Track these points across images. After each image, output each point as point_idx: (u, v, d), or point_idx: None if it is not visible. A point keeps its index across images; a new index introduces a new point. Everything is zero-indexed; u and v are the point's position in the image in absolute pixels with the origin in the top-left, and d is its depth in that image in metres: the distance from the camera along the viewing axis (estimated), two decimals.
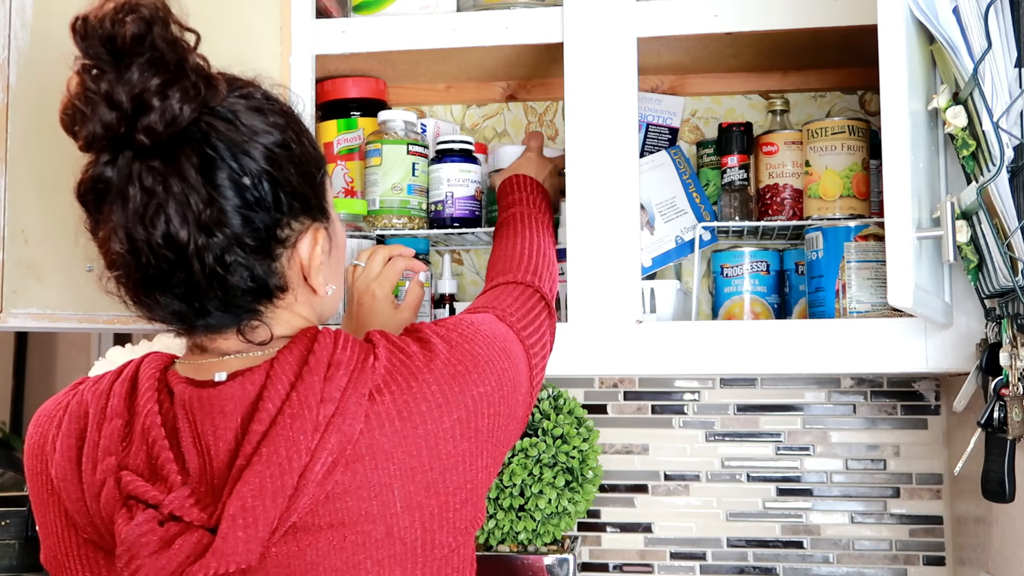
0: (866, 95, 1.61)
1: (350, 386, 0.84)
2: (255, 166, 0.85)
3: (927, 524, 1.58)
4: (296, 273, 0.91)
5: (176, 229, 0.81)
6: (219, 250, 0.83)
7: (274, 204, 0.86)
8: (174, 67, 0.82)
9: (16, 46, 1.43)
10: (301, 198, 0.89)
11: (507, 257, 1.20)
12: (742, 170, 1.50)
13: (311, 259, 0.91)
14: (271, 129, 0.87)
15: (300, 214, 0.89)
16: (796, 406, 1.62)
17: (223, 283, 0.84)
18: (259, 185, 0.85)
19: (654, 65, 1.54)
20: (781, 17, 1.32)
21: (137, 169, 0.82)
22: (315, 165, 0.92)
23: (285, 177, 0.87)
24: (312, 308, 0.94)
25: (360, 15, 1.47)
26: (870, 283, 1.33)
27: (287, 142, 0.88)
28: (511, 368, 0.96)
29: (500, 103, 1.70)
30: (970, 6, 1.02)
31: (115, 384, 0.89)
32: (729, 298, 1.50)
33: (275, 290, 0.89)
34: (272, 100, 0.91)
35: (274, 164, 0.86)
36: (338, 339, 0.87)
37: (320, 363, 0.84)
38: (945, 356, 1.24)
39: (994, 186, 1.01)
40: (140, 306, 0.87)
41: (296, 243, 0.89)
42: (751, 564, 1.61)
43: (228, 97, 0.86)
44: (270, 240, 0.87)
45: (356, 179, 1.55)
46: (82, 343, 2.61)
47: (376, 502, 0.82)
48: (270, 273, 0.88)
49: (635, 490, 1.65)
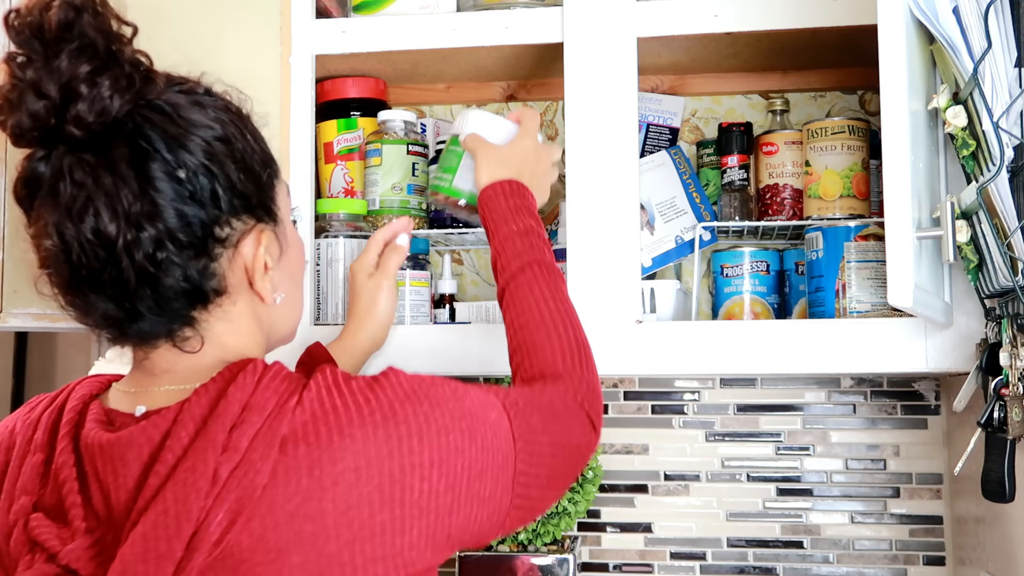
0: (866, 95, 1.61)
1: (261, 433, 0.77)
2: (192, 159, 0.81)
3: (927, 524, 1.58)
4: (239, 277, 0.86)
5: (105, 223, 0.78)
6: (151, 246, 0.79)
7: (212, 200, 0.82)
8: (105, 55, 0.79)
9: None
10: (242, 196, 0.85)
11: (541, 347, 1.05)
12: (742, 170, 1.50)
13: (255, 260, 0.86)
14: (212, 123, 0.84)
15: (242, 212, 0.85)
16: (796, 406, 1.62)
17: (154, 282, 0.80)
18: (195, 179, 0.81)
19: (654, 65, 1.54)
20: (781, 17, 1.32)
21: (68, 163, 0.79)
22: (261, 164, 0.88)
23: (225, 173, 0.83)
24: (258, 319, 0.89)
25: (360, 15, 1.47)
26: (870, 283, 1.33)
27: (228, 137, 0.84)
28: (470, 451, 0.83)
29: (500, 103, 1.70)
30: (970, 6, 1.02)
31: (44, 414, 0.86)
32: (729, 298, 1.50)
33: (211, 293, 0.84)
34: (215, 96, 0.87)
35: (213, 159, 0.82)
36: (263, 377, 0.81)
37: (231, 406, 0.78)
38: (945, 356, 1.24)
39: (994, 186, 1.01)
40: (73, 308, 0.83)
41: (238, 243, 0.85)
42: (751, 564, 1.61)
43: (167, 91, 0.83)
44: (207, 238, 0.82)
45: (356, 179, 1.55)
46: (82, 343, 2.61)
47: (272, 568, 0.74)
48: (206, 274, 0.83)
49: (635, 490, 1.65)
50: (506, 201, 1.14)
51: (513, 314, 1.08)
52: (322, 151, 1.56)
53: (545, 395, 0.97)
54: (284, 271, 0.91)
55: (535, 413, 0.93)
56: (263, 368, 0.82)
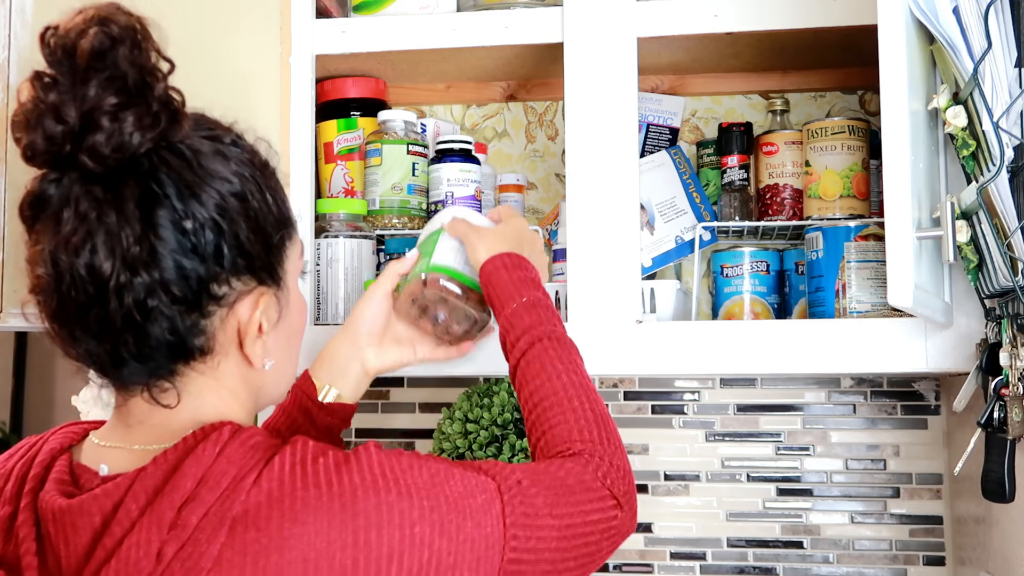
0: (866, 95, 1.61)
1: (212, 511, 0.74)
2: (202, 211, 0.79)
3: (927, 524, 1.58)
4: (230, 337, 0.83)
5: (100, 261, 0.75)
6: (142, 292, 0.77)
7: (214, 256, 0.80)
8: (135, 90, 0.76)
9: (16, 46, 1.43)
10: (247, 256, 0.82)
11: (558, 424, 0.98)
12: (742, 170, 1.50)
13: (248, 323, 0.83)
14: (231, 177, 0.81)
15: (244, 273, 0.82)
16: (796, 406, 1.62)
17: (140, 329, 0.78)
18: (201, 232, 0.78)
19: (654, 65, 1.54)
20: (781, 17, 1.32)
21: (77, 192, 0.76)
22: (275, 226, 0.85)
23: (234, 230, 0.80)
24: (246, 383, 0.86)
25: (360, 15, 1.47)
26: (870, 283, 1.33)
27: (245, 194, 0.82)
28: (439, 543, 0.78)
29: (500, 103, 1.70)
30: (970, 6, 1.02)
31: (17, 465, 0.84)
32: (729, 298, 1.50)
33: (196, 350, 0.81)
34: (240, 147, 0.84)
35: (224, 214, 0.80)
36: (227, 446, 0.77)
37: (184, 480, 0.75)
38: (945, 356, 1.24)
39: (994, 186, 1.01)
40: (58, 339, 0.81)
41: (235, 304, 0.82)
42: (751, 564, 1.61)
43: (192, 135, 0.81)
44: (201, 294, 0.80)
45: (356, 179, 1.55)
46: None
47: None
48: (194, 330, 0.80)
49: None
50: (509, 274, 1.08)
51: (527, 392, 1.02)
52: (322, 151, 1.56)
53: (558, 472, 0.90)
54: (280, 335, 0.88)
55: (541, 493, 0.87)
56: (230, 435, 0.78)
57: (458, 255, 1.17)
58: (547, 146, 1.69)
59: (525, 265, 1.10)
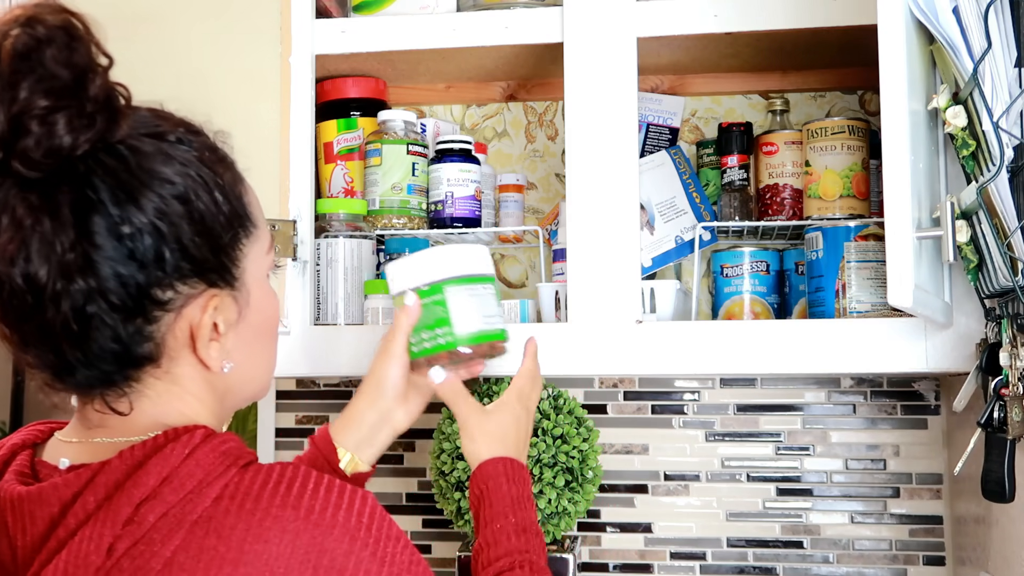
0: (866, 95, 1.61)
1: (172, 512, 0.73)
2: (140, 216, 0.75)
3: (927, 524, 1.58)
4: (181, 342, 0.80)
5: (35, 268, 0.73)
6: (80, 299, 0.74)
7: (155, 261, 0.76)
8: (67, 91, 0.73)
9: None
10: (193, 259, 0.79)
11: None
12: (742, 170, 1.50)
13: (200, 327, 0.80)
14: (173, 178, 0.78)
15: (191, 276, 0.79)
16: (796, 406, 1.62)
17: (82, 337, 0.76)
18: (139, 237, 0.75)
19: (654, 65, 1.54)
20: (781, 17, 1.32)
21: (13, 199, 0.73)
22: (225, 226, 0.82)
23: (176, 234, 0.77)
24: (210, 386, 0.84)
25: (360, 15, 1.47)
26: (870, 283, 1.33)
27: (189, 196, 0.78)
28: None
29: (500, 103, 1.70)
30: (970, 6, 1.02)
31: None
32: (729, 298, 1.50)
33: (143, 357, 0.79)
34: (188, 145, 0.81)
35: (164, 217, 0.76)
36: (198, 449, 0.76)
37: (147, 478, 0.74)
38: (945, 356, 1.24)
39: (994, 186, 1.01)
40: (10, 343, 0.79)
41: (182, 308, 0.79)
42: (751, 564, 1.61)
43: (134, 134, 0.77)
44: (143, 300, 0.77)
45: (356, 179, 1.55)
46: None
47: None
48: (139, 336, 0.77)
49: (635, 490, 1.65)
50: (508, 487, 1.08)
51: None
52: (322, 151, 1.56)
53: None
54: (242, 336, 0.85)
55: None
56: (202, 439, 0.77)
57: (476, 310, 1.12)
58: (547, 146, 1.69)
59: (524, 478, 1.10)
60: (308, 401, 1.74)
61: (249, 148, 1.36)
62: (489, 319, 1.13)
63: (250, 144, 1.36)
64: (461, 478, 1.49)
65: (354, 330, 1.39)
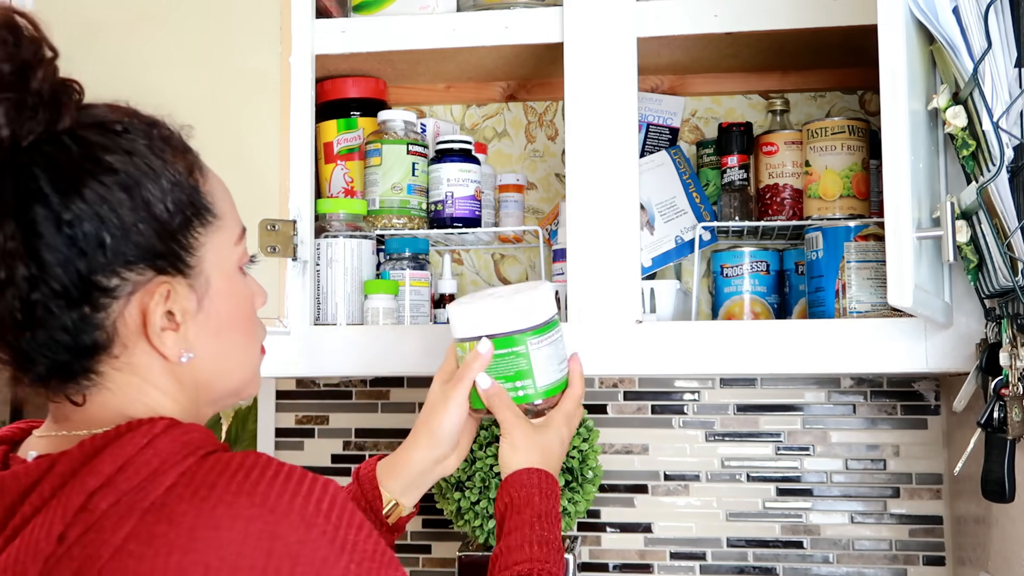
0: (866, 95, 1.61)
1: (125, 500, 0.72)
2: (81, 204, 0.76)
3: (927, 524, 1.58)
4: (133, 330, 0.80)
5: None
6: (25, 288, 0.75)
7: (97, 248, 0.76)
8: (8, 85, 0.74)
9: None
10: (138, 246, 0.78)
11: None
12: (742, 170, 1.50)
13: (149, 315, 0.79)
14: (118, 166, 0.78)
15: (138, 263, 0.79)
16: (796, 406, 1.62)
17: (29, 326, 0.76)
18: (78, 224, 0.75)
19: (654, 65, 1.54)
20: (781, 17, 1.32)
21: None
22: (174, 212, 0.81)
23: (122, 220, 0.77)
24: (175, 379, 0.83)
25: (360, 15, 1.47)
26: (870, 283, 1.33)
27: (134, 183, 0.78)
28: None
29: (500, 103, 1.70)
30: (970, 6, 1.02)
31: None
32: (729, 298, 1.50)
33: (94, 346, 0.78)
34: (133, 134, 0.81)
35: (105, 205, 0.77)
36: (157, 439, 0.75)
37: (102, 466, 0.73)
38: (945, 356, 1.24)
39: (994, 186, 1.01)
40: None
41: (131, 295, 0.79)
42: (751, 564, 1.61)
43: (80, 126, 0.78)
44: (88, 287, 0.77)
45: (356, 179, 1.55)
46: None
47: None
48: (86, 325, 0.77)
49: (635, 490, 1.65)
50: (540, 500, 1.07)
51: None
52: (322, 151, 1.56)
53: None
54: (205, 327, 0.84)
55: None
56: (163, 429, 0.76)
57: (555, 360, 1.12)
58: (547, 146, 1.69)
59: (556, 495, 1.09)
60: (308, 401, 1.74)
61: (249, 148, 1.37)
62: (562, 365, 1.14)
63: (250, 144, 1.37)
64: (461, 478, 1.49)
65: (354, 330, 1.39)
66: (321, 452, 1.73)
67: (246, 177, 1.35)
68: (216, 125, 1.36)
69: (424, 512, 1.68)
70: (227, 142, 1.35)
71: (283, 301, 1.35)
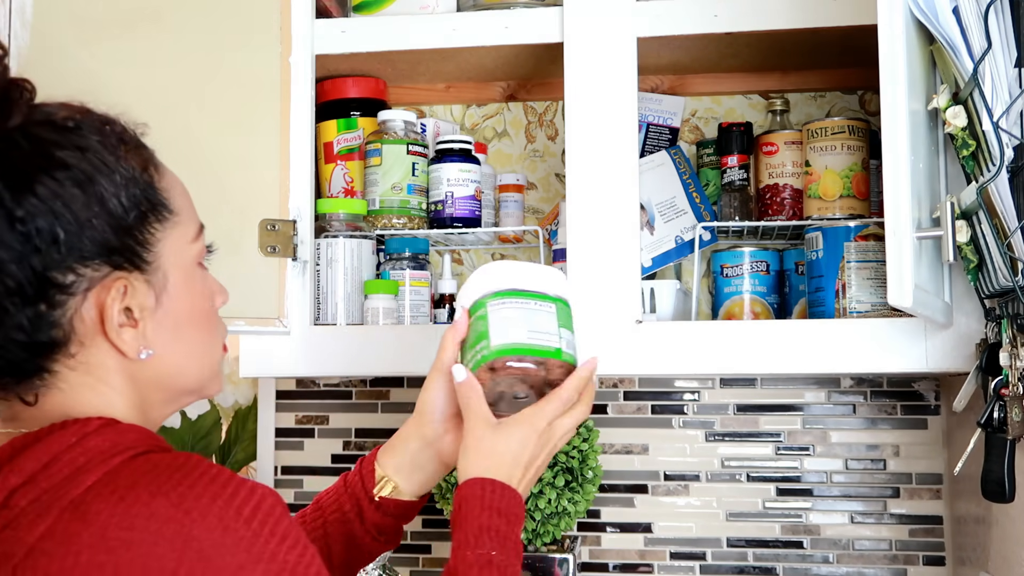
0: (866, 95, 1.61)
1: (46, 496, 0.71)
2: (34, 200, 0.75)
3: (927, 524, 1.58)
4: (90, 327, 0.79)
5: None
6: None
7: (51, 244, 0.75)
8: None
9: (16, 46, 1.43)
10: (93, 240, 0.77)
11: None
12: (742, 170, 1.50)
13: (107, 310, 0.78)
14: (71, 161, 0.77)
15: (93, 258, 0.78)
16: (796, 406, 1.62)
17: None
18: (31, 221, 0.75)
19: (654, 65, 1.54)
20: (781, 17, 1.32)
21: None
22: (128, 208, 0.80)
23: (75, 215, 0.76)
24: (130, 378, 0.82)
25: (360, 15, 1.47)
26: (870, 283, 1.33)
27: (87, 179, 0.77)
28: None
29: (500, 103, 1.70)
30: (970, 6, 1.02)
31: None
32: (729, 298, 1.50)
33: (50, 344, 0.77)
34: (84, 130, 0.80)
35: (59, 199, 0.76)
36: (89, 438, 0.74)
37: (27, 462, 0.72)
38: (945, 356, 1.24)
39: (994, 186, 1.01)
40: None
41: (88, 291, 0.78)
42: (751, 564, 1.61)
43: (28, 123, 0.78)
44: (44, 284, 0.76)
45: (356, 179, 1.55)
46: None
47: None
48: (42, 322, 0.76)
49: (635, 490, 1.65)
50: (480, 515, 0.94)
51: None
52: (322, 151, 1.56)
53: None
54: (163, 324, 0.83)
55: None
56: (96, 428, 0.75)
57: (521, 323, 1.01)
58: (547, 146, 1.69)
59: (506, 509, 0.95)
60: (308, 401, 1.74)
61: (249, 148, 1.37)
62: (537, 334, 1.00)
63: (250, 144, 1.37)
64: None
65: (354, 330, 1.39)
66: (321, 452, 1.73)
67: (246, 177, 1.36)
68: (216, 125, 1.37)
69: (424, 512, 1.68)
70: (227, 142, 1.36)
71: (283, 301, 1.35)
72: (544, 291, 1.04)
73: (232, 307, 0.96)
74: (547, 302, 1.03)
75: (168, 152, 0.86)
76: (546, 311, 1.03)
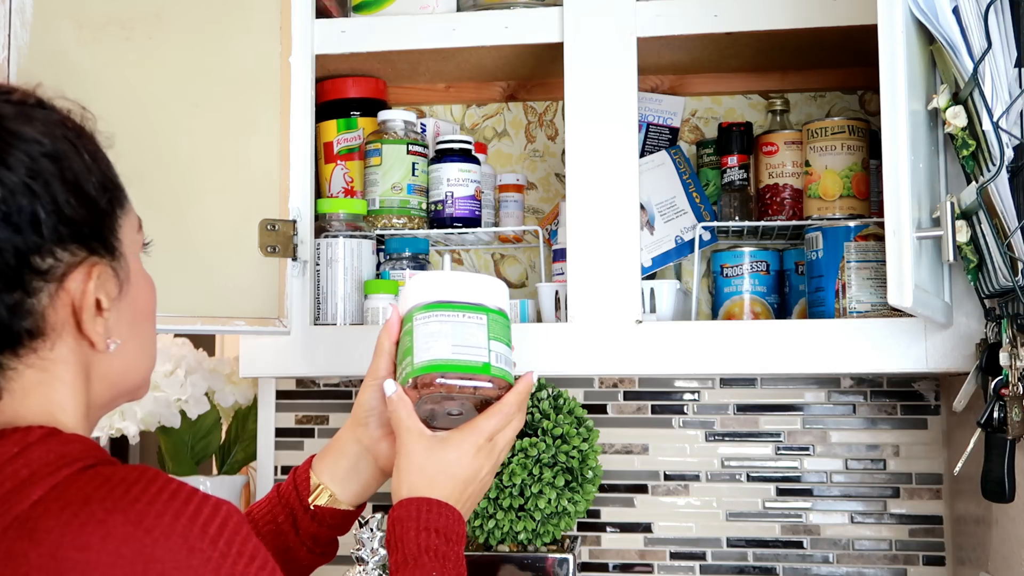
0: (866, 95, 1.61)
1: None
2: (11, 176, 0.71)
3: (927, 524, 1.58)
4: (63, 318, 0.74)
5: None
6: None
7: (31, 224, 0.71)
8: None
9: (16, 46, 1.42)
10: (71, 223, 0.74)
11: None
12: (742, 170, 1.50)
13: (84, 298, 0.74)
14: (40, 138, 0.73)
15: (70, 242, 0.74)
16: (796, 406, 1.62)
17: None
18: (11, 199, 0.70)
19: (654, 65, 1.54)
20: (781, 17, 1.32)
21: None
22: (98, 189, 0.76)
23: (51, 194, 0.72)
24: (85, 371, 0.77)
25: (360, 15, 1.47)
26: (870, 283, 1.33)
27: (59, 154, 0.74)
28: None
29: (500, 103, 1.70)
30: (970, 6, 1.02)
31: None
32: (729, 298, 1.50)
33: (24, 334, 0.72)
34: (48, 109, 0.76)
35: (36, 177, 0.72)
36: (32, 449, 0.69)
37: None
38: (945, 356, 1.24)
39: (994, 186, 1.01)
40: None
41: (64, 277, 0.73)
42: (751, 564, 1.61)
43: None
44: (22, 269, 0.71)
45: (356, 179, 1.55)
46: None
47: None
48: (19, 311, 0.71)
49: (635, 490, 1.65)
50: (417, 537, 0.91)
51: None
52: (322, 151, 1.56)
53: None
54: (123, 314, 0.79)
55: None
56: (39, 438, 0.70)
57: (446, 338, 0.97)
58: (547, 146, 1.69)
59: (445, 529, 0.92)
60: (308, 401, 1.74)
61: (249, 148, 1.37)
62: (464, 348, 0.97)
63: (250, 144, 1.37)
64: None
65: (354, 330, 1.39)
66: None
67: (246, 177, 1.36)
68: (216, 125, 1.37)
69: None
70: (227, 142, 1.35)
71: (283, 301, 1.35)
72: (477, 302, 1.00)
73: (232, 307, 0.96)
74: (478, 313, 0.99)
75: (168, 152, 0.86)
76: (475, 323, 0.99)
